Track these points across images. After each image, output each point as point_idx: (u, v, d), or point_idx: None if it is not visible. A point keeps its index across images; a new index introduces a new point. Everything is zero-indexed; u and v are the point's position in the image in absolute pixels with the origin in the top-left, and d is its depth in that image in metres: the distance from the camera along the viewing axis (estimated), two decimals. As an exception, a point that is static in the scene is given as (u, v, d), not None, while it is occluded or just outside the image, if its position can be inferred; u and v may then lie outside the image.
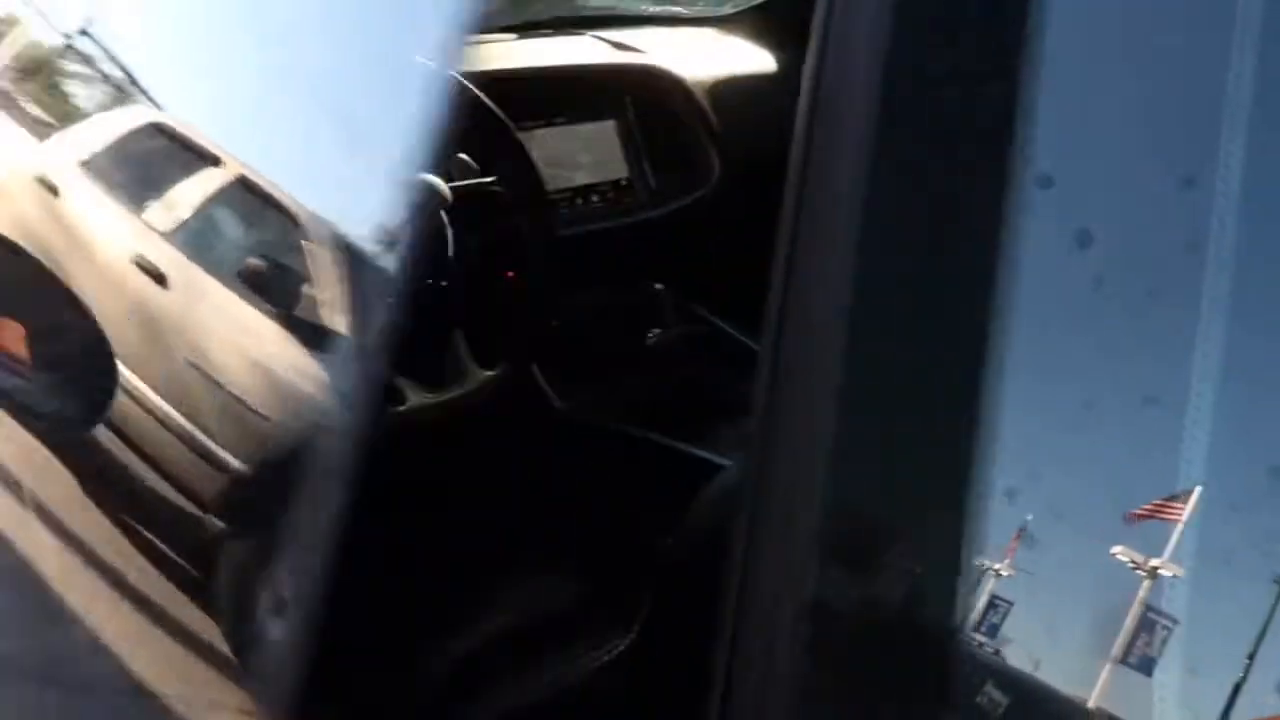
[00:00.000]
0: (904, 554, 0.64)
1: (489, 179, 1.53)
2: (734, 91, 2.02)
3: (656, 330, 1.77)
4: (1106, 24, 0.68)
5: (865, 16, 0.65)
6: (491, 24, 2.23)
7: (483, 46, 2.05)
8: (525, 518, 1.49)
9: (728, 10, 2.33)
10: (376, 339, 0.87)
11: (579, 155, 1.87)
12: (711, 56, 2.09)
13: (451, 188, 1.47)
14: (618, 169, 1.90)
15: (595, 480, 1.53)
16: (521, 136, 1.67)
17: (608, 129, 1.91)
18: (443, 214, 1.43)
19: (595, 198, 1.83)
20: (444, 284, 1.45)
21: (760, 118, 2.07)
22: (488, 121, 1.51)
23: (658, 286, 1.83)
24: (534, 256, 1.56)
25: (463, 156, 1.61)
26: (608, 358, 1.80)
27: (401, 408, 1.47)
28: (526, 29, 2.20)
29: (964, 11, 0.65)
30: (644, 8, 2.48)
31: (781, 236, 0.65)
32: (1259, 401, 0.65)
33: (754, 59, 2.14)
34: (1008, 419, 0.63)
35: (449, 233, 1.44)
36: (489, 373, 1.54)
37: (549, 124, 1.82)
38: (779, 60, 2.16)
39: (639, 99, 1.91)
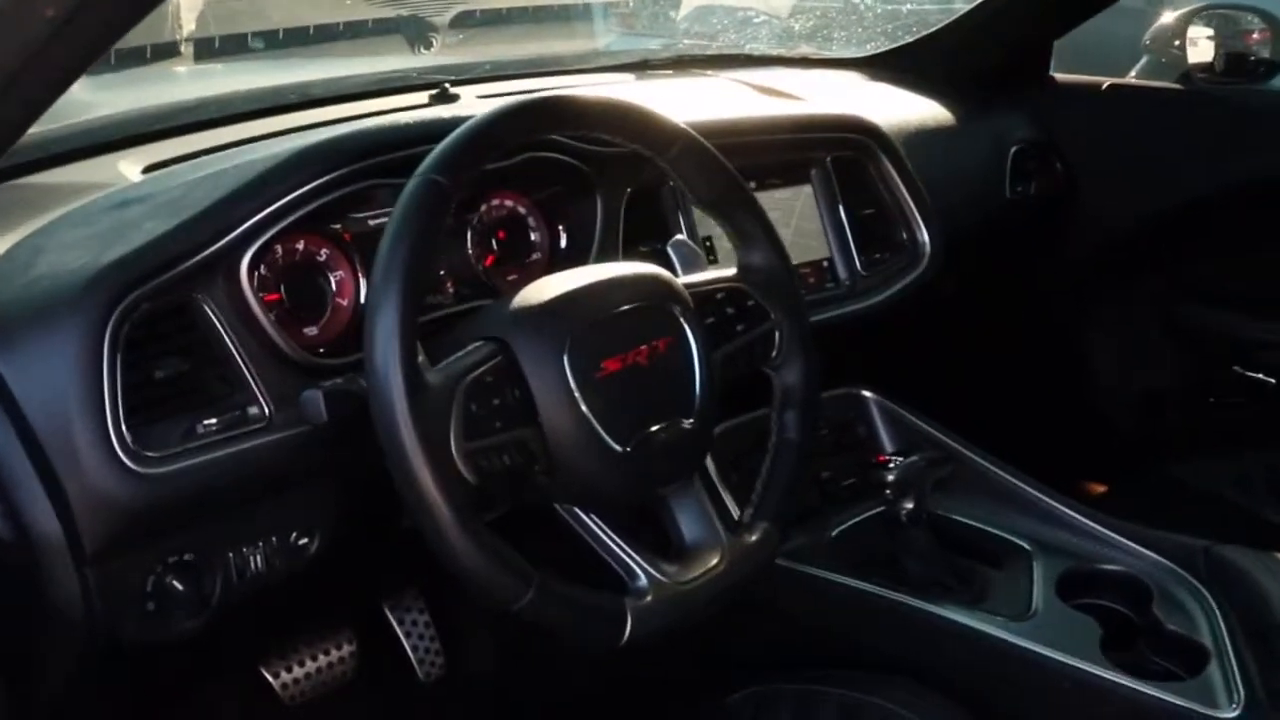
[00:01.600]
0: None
1: (730, 274, 1.10)
2: (936, 149, 1.65)
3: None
4: None
5: None
6: (598, 63, 1.82)
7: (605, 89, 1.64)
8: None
9: (868, 51, 1.97)
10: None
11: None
12: (891, 106, 1.70)
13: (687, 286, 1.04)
14: (818, 246, 1.49)
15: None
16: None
17: (805, 196, 1.50)
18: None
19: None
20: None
21: (967, 182, 1.73)
22: (728, 191, 1.08)
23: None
24: (795, 365, 1.13)
25: (684, 240, 1.18)
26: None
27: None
28: (642, 69, 1.80)
29: None
30: (761, 49, 2.10)
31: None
32: None
33: (933, 110, 1.77)
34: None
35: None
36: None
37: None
38: (961, 113, 1.80)
39: (841, 160, 1.51)
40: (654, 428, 0.97)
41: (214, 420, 0.97)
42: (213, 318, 0.98)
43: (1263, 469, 1.96)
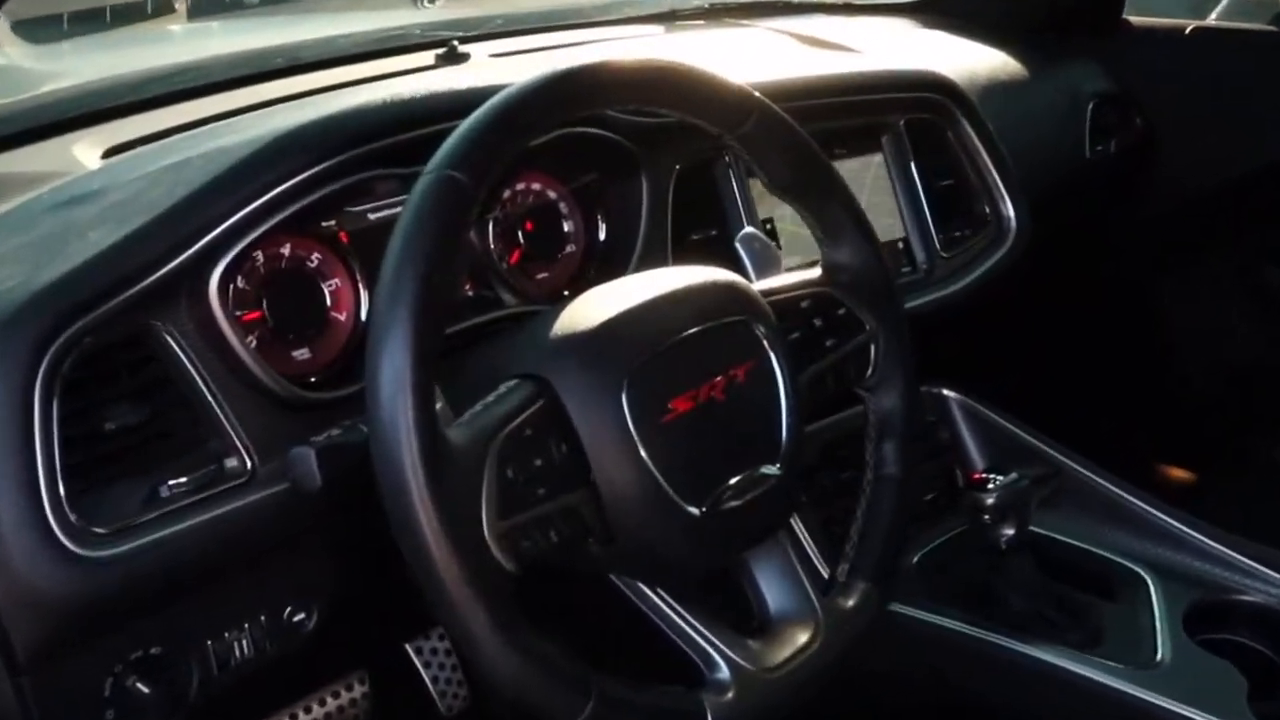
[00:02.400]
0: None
1: (816, 276, 0.89)
2: (1008, 106, 1.44)
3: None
4: None
5: None
6: (622, 14, 1.61)
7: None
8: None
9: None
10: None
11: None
12: (953, 57, 1.49)
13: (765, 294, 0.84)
14: (891, 225, 1.28)
15: None
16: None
17: (875, 166, 1.29)
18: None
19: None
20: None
21: (1045, 143, 1.53)
22: (813, 174, 0.87)
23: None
24: (893, 386, 0.92)
25: (756, 233, 0.98)
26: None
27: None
28: (671, 20, 1.58)
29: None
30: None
31: None
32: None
33: (1000, 61, 1.55)
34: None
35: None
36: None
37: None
38: (1030, 63, 1.58)
39: (916, 124, 1.29)
40: (733, 480, 0.77)
41: (183, 479, 0.77)
42: (176, 349, 0.78)
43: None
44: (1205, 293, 1.93)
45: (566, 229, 1.05)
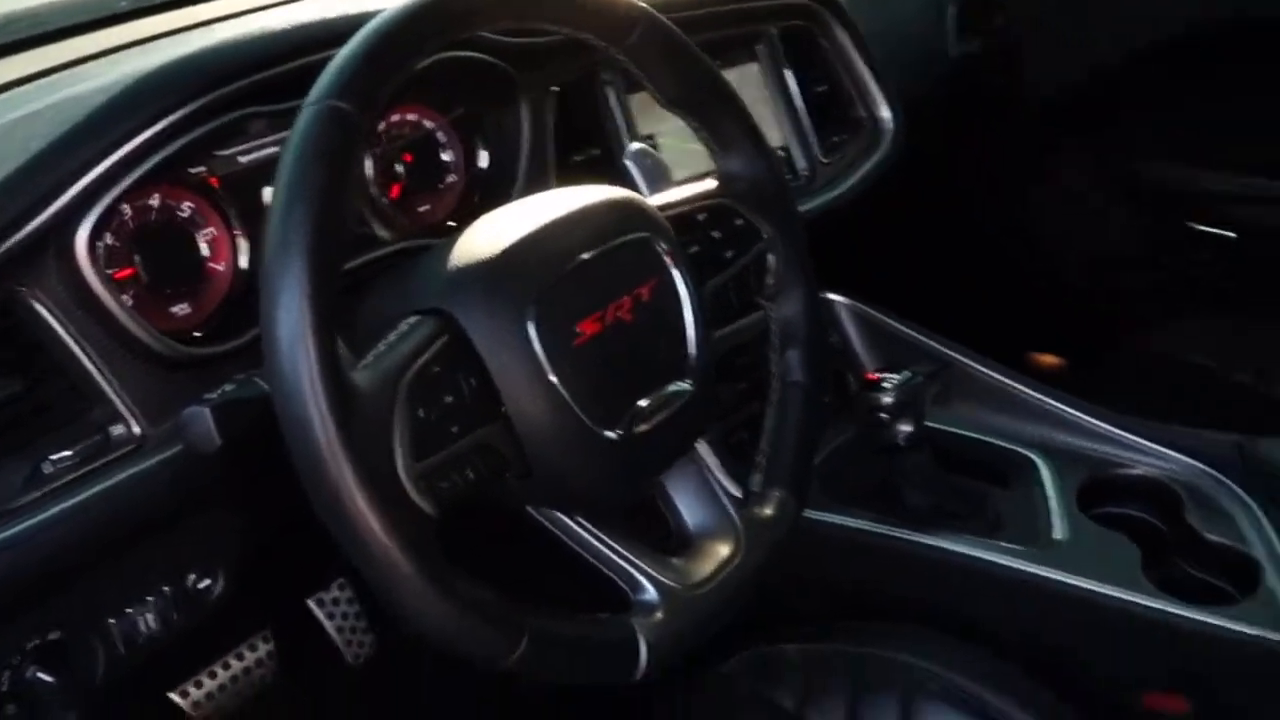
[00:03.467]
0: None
1: (711, 187, 0.88)
2: (868, 9, 1.43)
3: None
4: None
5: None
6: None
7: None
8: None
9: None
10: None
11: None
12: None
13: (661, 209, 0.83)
14: (771, 134, 1.28)
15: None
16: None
17: (751, 76, 1.28)
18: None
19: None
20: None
21: (908, 45, 1.53)
22: (703, 84, 0.86)
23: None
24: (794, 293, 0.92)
25: (646, 148, 0.97)
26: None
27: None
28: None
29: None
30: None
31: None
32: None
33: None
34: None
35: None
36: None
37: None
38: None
39: (789, 32, 1.29)
40: (646, 400, 0.76)
41: (67, 452, 0.73)
42: (46, 314, 0.73)
43: (1229, 329, 1.84)
44: (1073, 186, 1.98)
45: (446, 159, 1.01)
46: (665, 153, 1.16)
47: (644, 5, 0.81)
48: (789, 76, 1.29)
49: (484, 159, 1.02)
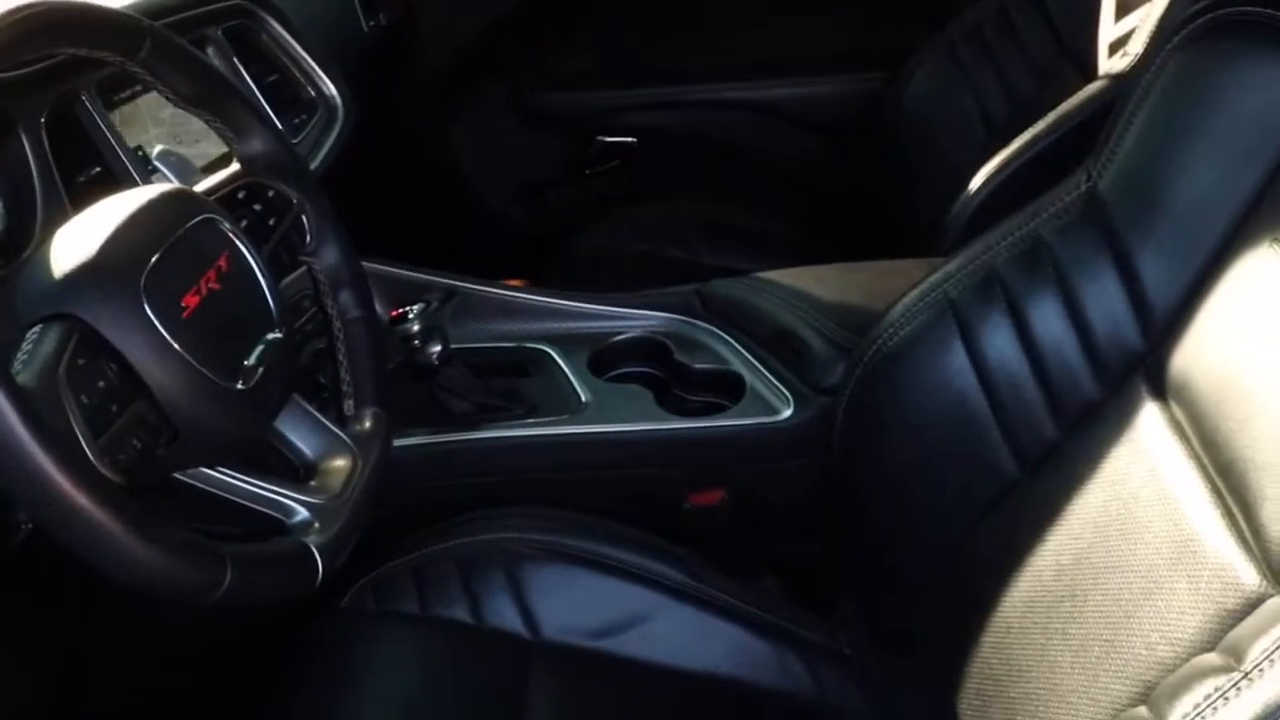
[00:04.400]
0: None
1: (238, 169, 1.03)
2: (292, 4, 1.57)
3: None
4: None
5: None
6: None
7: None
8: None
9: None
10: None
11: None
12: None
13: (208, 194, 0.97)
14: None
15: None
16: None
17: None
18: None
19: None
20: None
21: (324, 24, 1.68)
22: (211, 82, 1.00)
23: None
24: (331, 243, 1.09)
25: (170, 150, 1.08)
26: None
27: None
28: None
29: None
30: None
31: None
32: None
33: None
34: None
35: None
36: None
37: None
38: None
39: (231, 31, 1.40)
40: (254, 352, 0.88)
41: None
42: None
43: (651, 215, 2.17)
44: (496, 124, 2.24)
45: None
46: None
47: (146, 20, 0.91)
48: (242, 71, 1.40)
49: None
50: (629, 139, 2.24)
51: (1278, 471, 0.77)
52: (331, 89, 1.51)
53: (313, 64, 1.49)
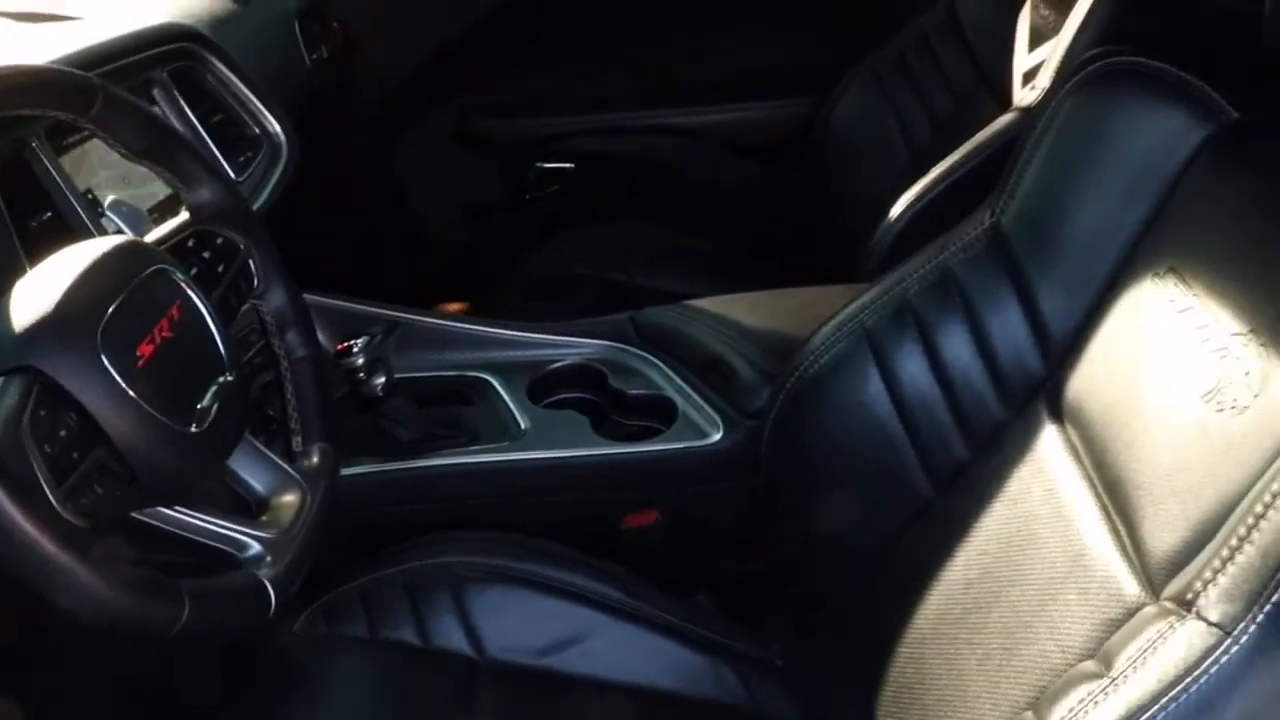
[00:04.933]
0: None
1: (187, 218, 1.08)
2: (229, 38, 1.61)
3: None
4: None
5: None
6: None
7: None
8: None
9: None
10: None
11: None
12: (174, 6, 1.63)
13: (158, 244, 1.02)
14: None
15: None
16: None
17: (155, 119, 1.42)
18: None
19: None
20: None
21: (271, 62, 1.72)
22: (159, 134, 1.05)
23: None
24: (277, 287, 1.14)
25: (121, 199, 1.12)
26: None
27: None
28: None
29: None
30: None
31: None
32: None
33: (209, 4, 1.72)
34: None
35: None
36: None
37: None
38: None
39: (176, 73, 1.45)
40: (207, 396, 0.93)
41: None
42: None
43: (589, 239, 2.23)
44: (439, 152, 2.29)
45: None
46: (106, 203, 1.28)
47: (96, 78, 0.96)
48: (188, 112, 1.44)
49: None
50: (567, 165, 2.30)
51: (1157, 491, 0.84)
52: (275, 126, 1.55)
53: (256, 102, 1.54)
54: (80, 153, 1.27)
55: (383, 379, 1.37)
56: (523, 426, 1.43)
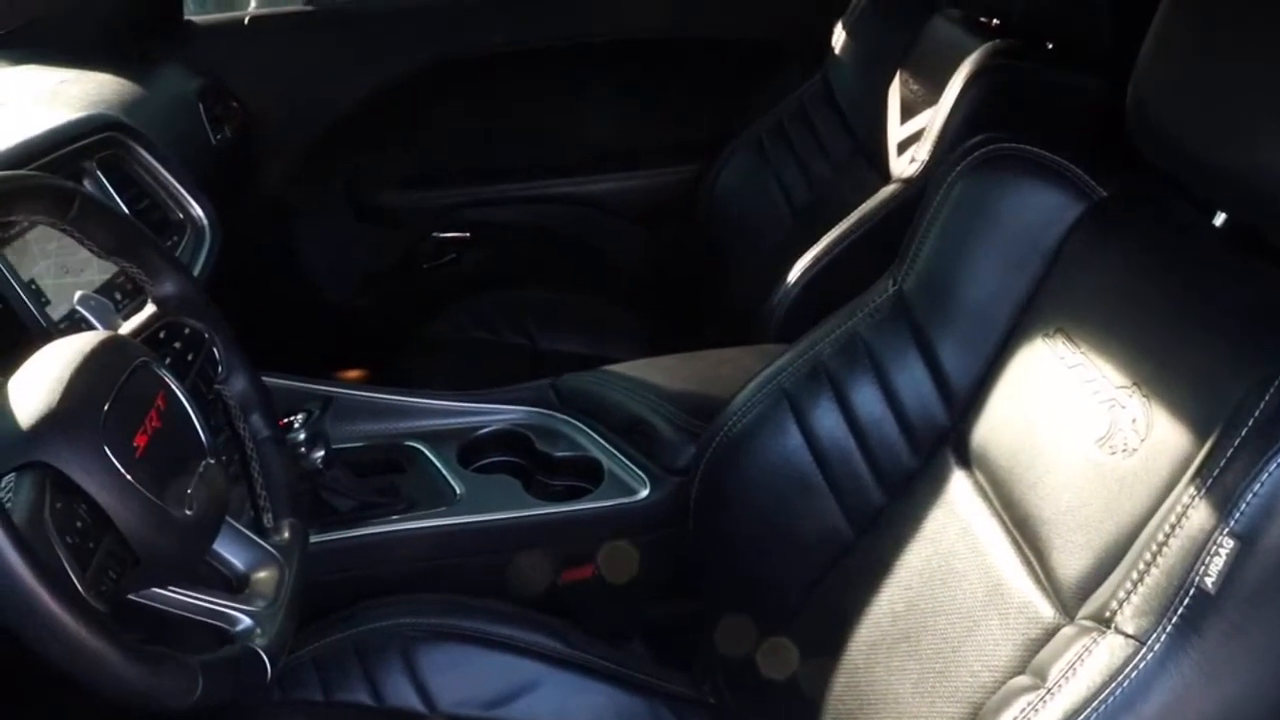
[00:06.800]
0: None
1: (155, 311, 1.13)
2: (146, 120, 1.66)
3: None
4: None
5: None
6: None
7: None
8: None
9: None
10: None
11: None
12: (66, 89, 1.67)
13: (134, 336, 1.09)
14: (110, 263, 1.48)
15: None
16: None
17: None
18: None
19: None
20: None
21: (178, 144, 1.76)
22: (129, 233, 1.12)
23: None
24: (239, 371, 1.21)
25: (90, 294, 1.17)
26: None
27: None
28: None
29: None
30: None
31: None
32: None
33: (106, 83, 1.76)
34: None
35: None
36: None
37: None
38: (133, 79, 1.80)
39: (104, 161, 1.49)
40: (195, 480, 0.98)
41: None
42: None
43: (490, 303, 2.31)
44: (336, 224, 2.34)
45: None
46: (49, 291, 1.32)
47: (71, 183, 1.02)
48: (117, 199, 1.48)
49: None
50: (463, 234, 2.38)
51: (1061, 525, 0.97)
52: (198, 210, 1.60)
53: (179, 187, 1.58)
54: (21, 244, 1.30)
55: (322, 452, 1.43)
56: (457, 492, 1.50)
